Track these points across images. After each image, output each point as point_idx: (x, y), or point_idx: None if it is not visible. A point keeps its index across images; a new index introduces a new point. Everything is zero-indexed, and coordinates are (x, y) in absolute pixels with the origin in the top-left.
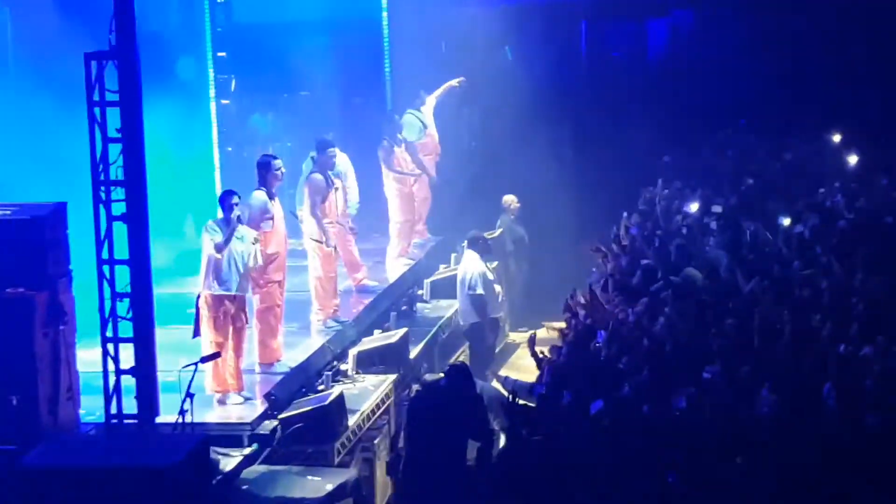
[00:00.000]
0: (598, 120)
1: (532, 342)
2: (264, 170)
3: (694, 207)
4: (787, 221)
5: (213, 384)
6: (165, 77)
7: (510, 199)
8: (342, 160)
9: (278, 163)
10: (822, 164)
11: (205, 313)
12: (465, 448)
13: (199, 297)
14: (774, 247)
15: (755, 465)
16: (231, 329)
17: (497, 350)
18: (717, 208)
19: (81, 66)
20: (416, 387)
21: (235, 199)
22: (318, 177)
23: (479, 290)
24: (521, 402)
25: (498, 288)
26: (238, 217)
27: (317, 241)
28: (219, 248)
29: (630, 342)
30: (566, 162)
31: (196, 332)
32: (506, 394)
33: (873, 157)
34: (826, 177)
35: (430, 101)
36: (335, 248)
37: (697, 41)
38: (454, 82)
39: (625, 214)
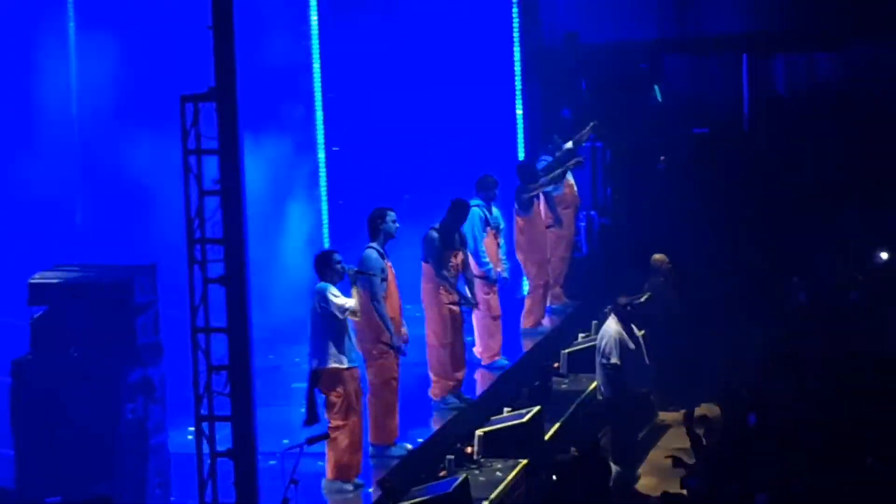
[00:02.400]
0: (760, 167)
1: (689, 419)
2: (377, 223)
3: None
4: None
5: (329, 469)
6: (268, 121)
7: (660, 259)
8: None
9: (392, 215)
10: None
11: (329, 392)
12: None
13: (314, 372)
14: None
15: None
16: (351, 407)
17: (644, 432)
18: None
19: (176, 108)
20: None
21: (338, 258)
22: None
23: (615, 360)
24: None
25: (644, 358)
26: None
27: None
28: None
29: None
30: (724, 219)
31: (312, 417)
32: None
33: None
34: None
35: (569, 146)
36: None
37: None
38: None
39: (794, 279)
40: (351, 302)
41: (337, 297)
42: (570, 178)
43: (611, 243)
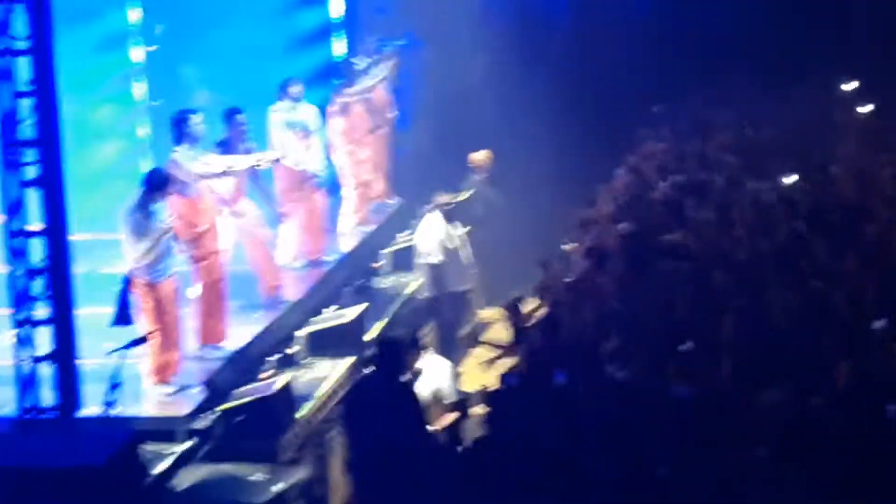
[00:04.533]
0: (580, 64)
1: (511, 308)
2: (181, 126)
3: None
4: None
5: (147, 371)
6: (80, 20)
7: (478, 157)
8: (308, 112)
9: (196, 117)
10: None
11: (141, 302)
12: (412, 443)
13: (128, 280)
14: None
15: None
16: (166, 314)
17: (466, 330)
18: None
19: None
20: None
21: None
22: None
23: (436, 259)
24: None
25: (465, 257)
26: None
27: None
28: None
29: (612, 317)
30: (544, 113)
31: (120, 319)
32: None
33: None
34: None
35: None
36: None
37: None
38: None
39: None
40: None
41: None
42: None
43: (430, 139)
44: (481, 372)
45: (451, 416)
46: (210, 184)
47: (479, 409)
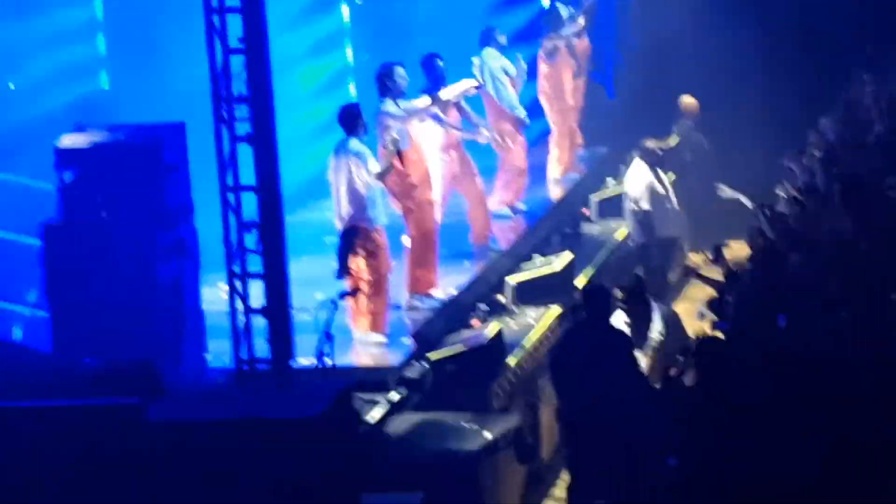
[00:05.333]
0: (791, 4)
1: (718, 253)
2: (386, 79)
3: None
4: None
5: (357, 322)
6: None
7: (689, 102)
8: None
9: (400, 70)
10: None
11: (358, 249)
12: (622, 390)
13: (350, 230)
14: None
15: None
16: (379, 263)
17: (674, 275)
18: None
19: None
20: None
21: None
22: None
23: (645, 206)
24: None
25: (673, 203)
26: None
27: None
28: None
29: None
30: (752, 57)
31: (342, 271)
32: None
33: None
34: None
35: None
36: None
37: None
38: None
39: (822, 120)
40: (378, 167)
41: (369, 160)
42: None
43: (638, 86)
44: (692, 319)
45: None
46: (422, 132)
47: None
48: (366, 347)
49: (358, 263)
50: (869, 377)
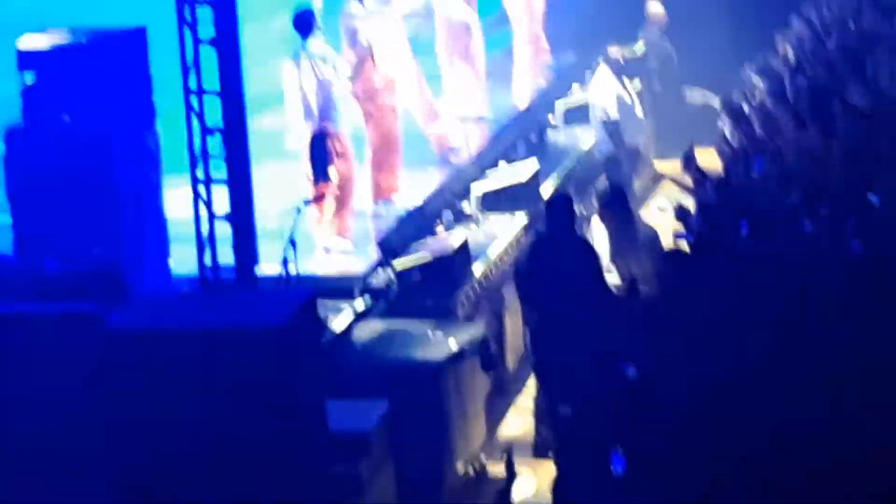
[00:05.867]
0: None
1: (688, 159)
2: None
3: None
4: None
5: (320, 229)
6: None
7: (656, 9)
8: None
9: None
10: None
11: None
12: (586, 300)
13: (321, 134)
14: None
15: None
16: (345, 167)
17: (639, 184)
18: None
19: None
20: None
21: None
22: None
23: (613, 114)
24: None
25: (639, 111)
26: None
27: None
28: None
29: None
30: None
31: (319, 176)
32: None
33: None
34: None
35: None
36: None
37: None
38: None
39: (794, 21)
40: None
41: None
42: None
43: None
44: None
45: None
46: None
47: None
48: (330, 255)
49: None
50: (831, 282)
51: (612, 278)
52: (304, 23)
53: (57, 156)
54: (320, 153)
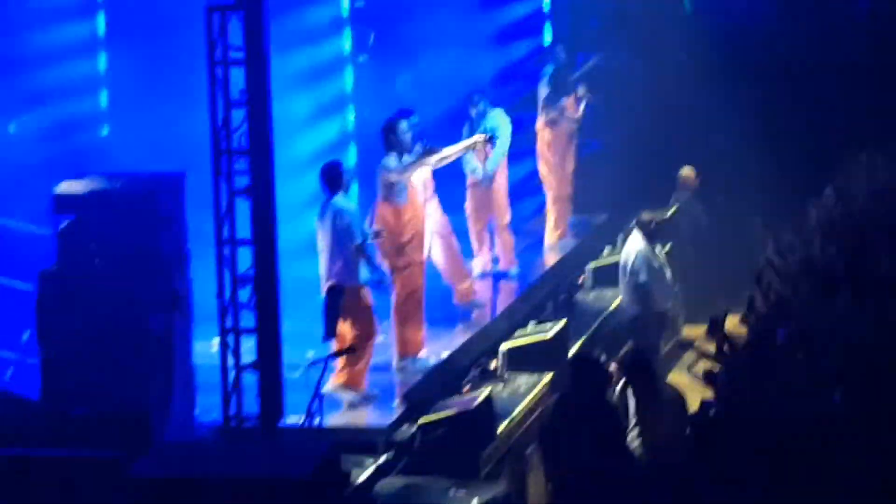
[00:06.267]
0: (791, 79)
1: (714, 326)
2: (390, 134)
3: None
4: None
5: (339, 383)
6: (294, 31)
7: (688, 173)
8: (494, 116)
9: (405, 124)
10: None
11: (348, 306)
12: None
13: (334, 289)
14: None
15: None
16: (365, 322)
17: (666, 348)
18: None
19: (201, 20)
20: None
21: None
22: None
23: (643, 278)
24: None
25: (668, 276)
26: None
27: None
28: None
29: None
30: (753, 129)
31: (329, 332)
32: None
33: None
34: None
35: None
36: None
37: None
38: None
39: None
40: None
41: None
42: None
43: (637, 152)
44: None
45: None
46: (419, 189)
47: None
48: (355, 409)
49: (344, 324)
50: (862, 458)
51: (637, 443)
52: (329, 176)
53: (88, 300)
54: (330, 309)
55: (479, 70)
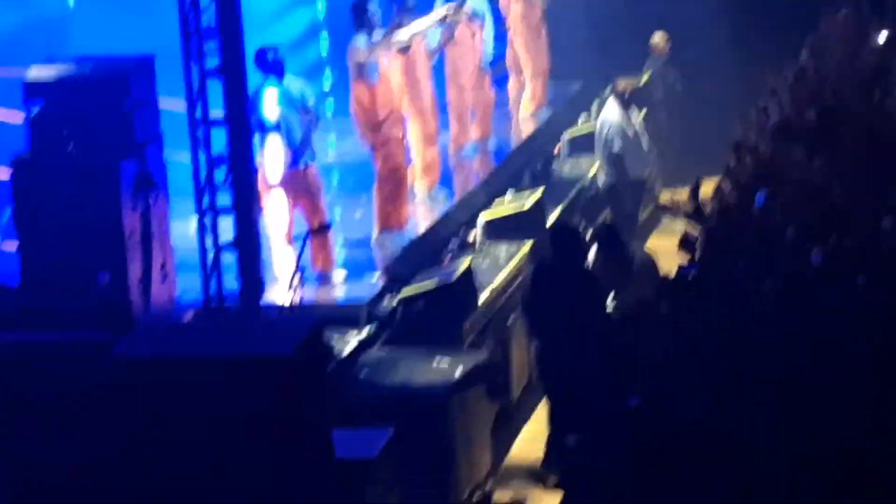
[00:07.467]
0: None
1: (695, 192)
2: (361, 12)
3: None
4: None
5: (317, 260)
6: None
7: (658, 40)
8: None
9: (374, 3)
10: None
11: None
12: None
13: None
14: None
15: None
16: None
17: (645, 215)
18: None
19: None
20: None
21: None
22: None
23: (616, 148)
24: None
25: (644, 143)
26: None
27: None
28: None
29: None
30: None
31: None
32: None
33: None
34: None
35: None
36: None
37: None
38: None
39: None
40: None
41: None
42: None
43: (612, 19)
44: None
45: None
46: (392, 67)
47: None
48: (335, 284)
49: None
50: (834, 320)
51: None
52: (274, 64)
53: (63, 185)
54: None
55: None
